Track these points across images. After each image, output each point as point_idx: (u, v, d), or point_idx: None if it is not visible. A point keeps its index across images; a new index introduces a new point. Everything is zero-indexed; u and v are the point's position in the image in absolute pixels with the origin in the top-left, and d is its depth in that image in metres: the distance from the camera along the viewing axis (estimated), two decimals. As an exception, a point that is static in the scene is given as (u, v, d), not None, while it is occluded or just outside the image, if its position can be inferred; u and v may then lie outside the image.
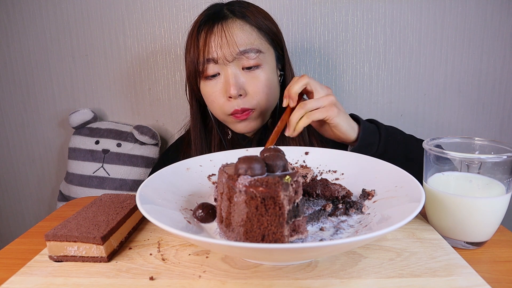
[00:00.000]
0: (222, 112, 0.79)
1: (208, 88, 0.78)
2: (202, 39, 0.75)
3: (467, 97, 1.19)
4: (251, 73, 0.77)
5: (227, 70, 0.76)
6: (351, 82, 1.19)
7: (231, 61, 0.75)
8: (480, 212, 0.47)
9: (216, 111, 0.81)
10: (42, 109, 1.27)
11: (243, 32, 0.76)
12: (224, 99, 0.77)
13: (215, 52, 0.74)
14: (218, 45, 0.74)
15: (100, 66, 1.22)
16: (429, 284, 0.38)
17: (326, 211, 0.51)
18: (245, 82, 0.77)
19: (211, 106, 0.81)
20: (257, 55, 0.76)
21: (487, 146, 0.52)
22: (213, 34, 0.75)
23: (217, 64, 0.76)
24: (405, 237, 0.49)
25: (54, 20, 1.19)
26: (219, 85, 0.77)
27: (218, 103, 0.78)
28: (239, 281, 0.40)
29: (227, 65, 0.75)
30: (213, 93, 0.78)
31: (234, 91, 0.74)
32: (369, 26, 1.14)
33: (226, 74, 0.76)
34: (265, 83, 0.78)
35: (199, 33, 0.76)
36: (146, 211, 0.40)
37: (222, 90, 0.77)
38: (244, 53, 0.75)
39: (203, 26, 0.76)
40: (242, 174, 0.40)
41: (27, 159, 1.32)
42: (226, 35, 0.74)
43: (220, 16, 0.76)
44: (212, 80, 0.77)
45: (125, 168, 1.14)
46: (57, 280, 0.41)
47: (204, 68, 0.76)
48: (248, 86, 0.77)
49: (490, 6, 1.11)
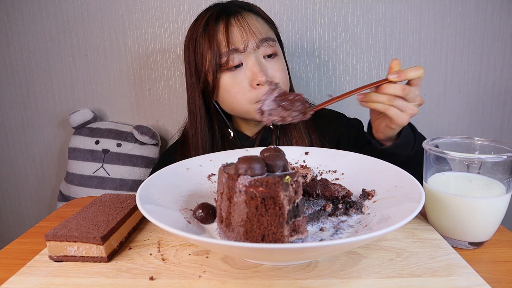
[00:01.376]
0: (248, 101, 0.78)
1: (231, 80, 0.77)
2: (220, 32, 0.76)
3: (467, 97, 1.19)
4: (272, 61, 0.79)
5: (252, 58, 0.76)
6: (351, 82, 1.19)
7: (256, 49, 0.76)
8: (480, 212, 0.47)
9: (240, 102, 0.79)
10: (42, 109, 1.27)
11: (259, 23, 0.79)
12: (249, 88, 0.77)
13: (240, 41, 0.75)
14: (241, 35, 0.75)
15: (100, 66, 1.22)
16: (429, 284, 0.38)
17: (326, 211, 0.51)
18: (268, 69, 0.78)
19: (233, 98, 0.79)
20: (274, 44, 0.80)
21: (487, 146, 0.52)
22: (233, 26, 0.76)
23: (240, 54, 0.76)
24: (405, 237, 0.49)
25: (54, 20, 1.19)
26: (243, 75, 0.77)
27: (243, 93, 0.77)
28: (239, 281, 0.40)
29: (251, 54, 0.76)
30: (237, 84, 0.77)
31: (263, 77, 0.75)
32: (369, 26, 1.14)
33: (251, 63, 0.76)
34: (284, 69, 0.81)
35: (215, 27, 0.76)
36: (146, 211, 0.40)
37: (248, 79, 0.77)
38: (266, 41, 0.77)
39: (216, 21, 0.77)
40: (242, 174, 0.40)
41: (27, 159, 1.32)
42: (248, 25, 0.76)
43: (231, 11, 0.78)
44: (235, 71, 0.77)
45: (125, 168, 1.14)
46: (57, 280, 0.41)
47: (228, 59, 0.76)
48: (272, 73, 0.78)
49: (490, 6, 1.11)
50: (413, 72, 0.61)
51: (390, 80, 0.61)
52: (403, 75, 0.61)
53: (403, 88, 0.61)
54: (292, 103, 0.63)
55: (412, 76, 0.61)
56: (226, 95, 0.80)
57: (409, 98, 0.62)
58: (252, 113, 0.80)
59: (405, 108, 0.62)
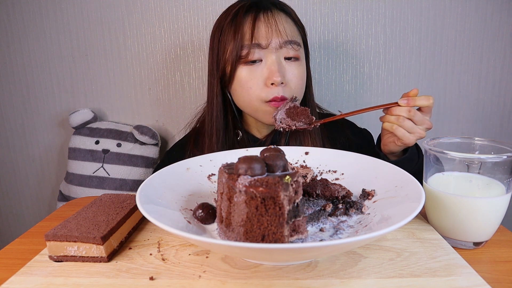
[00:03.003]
0: (259, 99, 0.78)
1: (247, 73, 0.77)
2: (247, 24, 0.76)
3: (467, 97, 1.19)
4: (292, 64, 0.79)
5: (272, 57, 0.76)
6: (351, 82, 1.19)
7: (278, 49, 0.76)
8: (480, 212, 0.47)
9: (251, 98, 0.79)
10: (42, 109, 1.27)
11: (288, 24, 0.78)
12: (262, 85, 0.77)
13: (264, 38, 0.75)
14: (266, 31, 0.75)
15: (100, 66, 1.22)
16: (429, 284, 0.38)
17: (326, 211, 0.51)
18: (286, 72, 0.78)
19: (245, 93, 0.79)
20: (298, 48, 0.79)
21: (487, 146, 0.52)
22: (261, 21, 0.76)
23: (261, 50, 0.76)
24: (405, 237, 0.49)
25: (54, 20, 1.19)
26: (260, 71, 0.77)
27: (256, 89, 0.77)
28: (239, 281, 0.40)
29: (273, 52, 0.76)
30: (252, 79, 0.77)
31: (278, 78, 0.75)
32: (369, 26, 1.14)
33: (270, 61, 0.76)
34: (302, 76, 0.81)
35: (245, 18, 0.76)
36: (146, 211, 0.40)
37: (263, 77, 0.77)
38: (289, 43, 0.77)
39: (246, 13, 0.77)
40: (242, 174, 0.40)
41: (27, 159, 1.32)
42: (275, 23, 0.76)
43: (263, 6, 0.77)
44: (253, 65, 0.77)
45: (125, 168, 1.14)
46: (57, 280, 0.41)
47: (248, 52, 0.76)
48: (288, 76, 0.78)
49: (490, 6, 1.11)
50: (422, 101, 0.66)
51: (400, 104, 0.67)
52: (412, 102, 0.66)
53: (409, 110, 0.66)
54: (299, 116, 0.75)
55: (421, 104, 0.66)
56: (239, 88, 0.80)
57: (416, 121, 0.67)
58: (261, 113, 0.80)
59: (413, 130, 0.67)
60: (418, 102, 0.66)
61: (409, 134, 0.67)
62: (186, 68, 1.21)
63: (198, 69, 1.21)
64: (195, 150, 0.87)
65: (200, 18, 1.16)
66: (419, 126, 0.67)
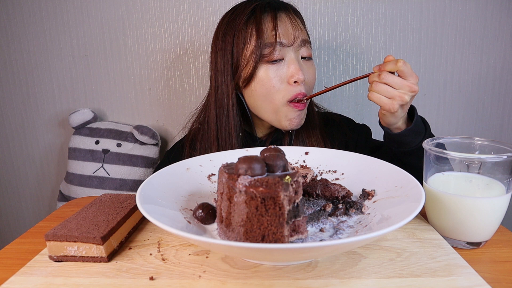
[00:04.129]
0: (282, 97, 0.77)
1: (270, 73, 0.77)
2: (268, 23, 0.75)
3: (467, 97, 1.19)
4: (307, 63, 0.80)
5: (293, 55, 0.77)
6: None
7: (300, 47, 0.77)
8: (480, 212, 0.47)
9: (273, 97, 0.78)
10: (42, 109, 1.27)
11: (301, 24, 0.80)
12: (286, 84, 0.77)
13: (287, 36, 0.75)
14: (290, 29, 0.76)
15: (100, 66, 1.22)
16: (429, 284, 0.38)
17: (326, 211, 0.51)
18: (305, 71, 0.79)
19: (267, 92, 0.78)
20: (310, 48, 0.81)
21: (487, 146, 0.52)
22: (282, 19, 0.76)
23: (283, 49, 0.76)
24: (405, 237, 0.49)
25: (54, 20, 1.19)
26: (282, 70, 0.77)
27: (279, 88, 0.77)
28: (239, 281, 0.40)
29: (293, 51, 0.77)
30: (274, 78, 0.77)
31: (302, 76, 0.75)
32: (369, 26, 1.14)
33: (291, 60, 0.76)
34: (315, 75, 0.83)
35: (262, 18, 0.76)
36: (146, 211, 0.40)
37: (286, 75, 0.77)
38: (306, 43, 0.79)
39: (264, 12, 0.76)
40: (242, 174, 0.40)
41: (27, 159, 1.32)
42: (295, 23, 0.77)
43: (277, 7, 0.78)
44: (274, 64, 0.77)
45: (125, 168, 1.14)
46: (57, 280, 0.41)
47: (272, 50, 0.75)
48: (307, 75, 0.79)
49: (490, 6, 1.11)
50: (390, 65, 0.65)
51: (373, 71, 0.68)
52: (383, 67, 0.66)
53: (378, 74, 0.66)
54: None
55: (389, 68, 0.65)
56: (259, 88, 0.78)
57: (393, 84, 0.65)
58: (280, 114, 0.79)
59: (390, 94, 0.65)
60: (387, 67, 0.65)
61: (386, 99, 0.65)
62: (186, 68, 1.21)
63: (198, 69, 1.21)
64: (193, 153, 0.87)
65: (200, 18, 1.16)
66: (398, 90, 0.65)
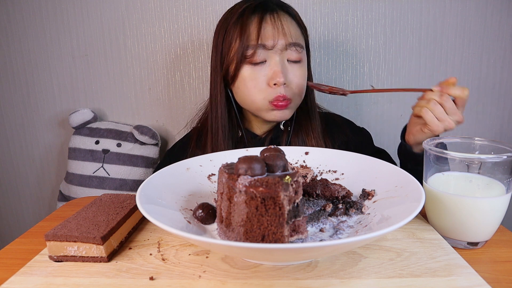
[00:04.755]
0: (262, 98, 0.79)
1: (251, 73, 0.78)
2: (253, 25, 0.77)
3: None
4: (294, 66, 0.80)
5: (276, 58, 0.77)
6: (351, 82, 1.19)
7: (283, 50, 0.77)
8: (480, 212, 0.47)
9: (254, 97, 0.80)
10: (42, 109, 1.27)
11: (292, 26, 0.79)
12: (265, 85, 0.78)
13: (269, 39, 0.76)
14: (273, 33, 0.76)
15: (100, 66, 1.22)
16: (429, 284, 0.38)
17: (326, 211, 0.51)
18: (289, 73, 0.79)
19: (248, 92, 0.80)
20: (301, 50, 0.80)
21: (487, 146, 0.52)
22: (267, 22, 0.77)
23: (266, 51, 0.77)
24: (405, 237, 0.49)
25: (54, 20, 1.19)
26: (264, 72, 0.78)
27: (259, 88, 0.78)
28: (239, 281, 0.40)
29: (277, 53, 0.77)
30: (255, 79, 0.78)
31: (281, 79, 0.76)
32: (369, 26, 1.14)
33: (274, 62, 0.77)
34: (303, 78, 0.82)
35: (251, 19, 0.77)
36: (146, 211, 0.40)
37: (267, 77, 0.78)
38: (293, 45, 0.78)
39: (252, 14, 0.78)
40: (242, 174, 0.40)
41: (27, 159, 1.32)
42: (281, 25, 0.77)
43: (269, 7, 0.78)
44: (257, 66, 0.78)
45: (125, 168, 1.14)
46: (57, 280, 0.41)
47: (253, 53, 0.77)
48: (290, 77, 0.79)
49: (490, 6, 1.11)
50: (456, 90, 0.63)
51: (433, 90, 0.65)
52: (446, 89, 0.64)
53: (441, 95, 0.63)
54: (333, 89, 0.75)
55: (454, 93, 0.63)
56: (242, 87, 0.81)
57: (447, 109, 0.64)
58: (263, 111, 0.82)
59: (442, 117, 0.64)
60: (452, 90, 0.63)
61: (437, 121, 0.64)
62: (186, 68, 1.21)
63: (198, 69, 1.21)
64: (197, 150, 0.88)
65: (200, 18, 1.16)
66: (449, 116, 0.64)
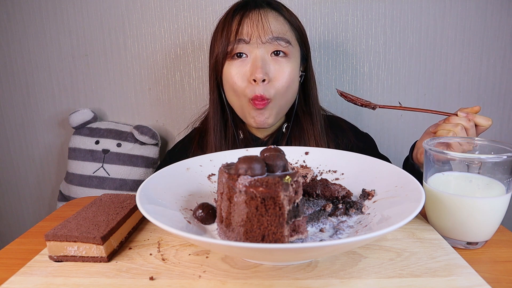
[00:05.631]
0: (243, 95, 0.78)
1: (232, 69, 0.78)
2: (236, 21, 0.77)
3: (467, 97, 1.19)
4: (278, 60, 0.78)
5: (256, 52, 0.76)
6: (351, 82, 1.19)
7: (262, 43, 0.76)
8: (480, 212, 0.47)
9: (237, 94, 0.79)
10: (42, 109, 1.27)
11: (277, 22, 0.78)
12: (246, 82, 0.77)
13: (248, 33, 0.76)
14: (252, 27, 0.76)
15: (100, 66, 1.22)
16: (429, 284, 0.38)
17: (326, 211, 0.51)
18: (270, 68, 0.77)
19: (231, 90, 0.80)
20: (287, 45, 0.78)
21: (487, 146, 0.52)
22: (248, 17, 0.77)
23: (246, 45, 0.76)
24: (405, 237, 0.49)
25: (54, 20, 1.19)
26: (244, 67, 0.77)
27: (240, 85, 0.78)
28: (239, 281, 0.40)
29: (257, 47, 0.76)
30: (236, 74, 0.77)
31: (260, 74, 0.74)
32: (369, 26, 1.14)
33: (254, 57, 0.77)
34: (289, 74, 0.78)
35: (234, 16, 0.78)
36: (146, 211, 0.40)
37: (247, 73, 0.77)
38: (276, 40, 0.76)
39: (238, 11, 0.78)
40: (242, 174, 0.40)
41: (27, 159, 1.32)
42: (261, 20, 0.76)
43: (256, 4, 0.79)
44: (237, 60, 0.78)
45: (125, 168, 1.14)
46: (57, 280, 0.41)
47: (233, 48, 0.77)
48: (272, 73, 0.77)
49: (490, 6, 1.11)
50: (482, 120, 0.64)
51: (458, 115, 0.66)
52: (472, 116, 0.65)
53: (469, 120, 0.64)
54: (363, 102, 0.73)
55: (480, 122, 0.64)
56: (226, 84, 0.80)
57: (470, 135, 0.65)
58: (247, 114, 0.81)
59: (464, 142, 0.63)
60: (478, 119, 0.64)
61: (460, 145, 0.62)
62: (186, 68, 1.21)
63: (198, 69, 1.21)
64: (198, 151, 0.88)
65: (200, 18, 1.16)
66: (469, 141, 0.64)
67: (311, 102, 0.87)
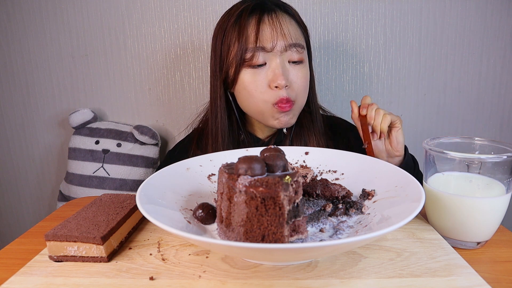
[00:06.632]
0: (265, 101, 0.77)
1: (251, 76, 0.77)
2: (251, 27, 0.75)
3: (467, 97, 1.19)
4: (296, 67, 0.78)
5: (276, 60, 0.76)
6: (351, 82, 1.19)
7: (283, 52, 0.76)
8: (480, 212, 0.47)
9: (256, 100, 0.78)
10: (42, 109, 1.27)
11: (292, 26, 0.77)
12: (266, 88, 0.77)
13: (269, 41, 0.74)
14: (271, 34, 0.74)
15: (100, 66, 1.22)
16: (429, 284, 0.38)
17: (326, 211, 0.51)
18: (290, 74, 0.77)
19: (249, 95, 0.78)
20: (302, 51, 0.78)
21: (487, 146, 0.52)
22: (265, 23, 0.75)
23: (266, 54, 0.75)
24: (405, 237, 0.49)
25: (54, 20, 1.19)
26: (264, 75, 0.76)
27: (260, 91, 0.77)
28: (239, 281, 0.40)
29: (277, 55, 0.75)
30: (256, 81, 0.76)
31: (283, 81, 0.74)
32: (369, 26, 1.14)
33: (275, 64, 0.76)
34: (306, 79, 0.80)
35: (247, 21, 0.75)
36: (146, 211, 0.40)
37: (268, 80, 0.76)
38: (294, 46, 0.76)
39: (250, 15, 0.76)
40: (242, 174, 0.40)
41: (27, 159, 1.32)
42: (280, 26, 0.75)
43: (266, 7, 0.77)
44: (257, 69, 0.76)
45: (125, 168, 1.14)
46: (57, 280, 0.41)
47: (252, 55, 0.75)
48: (291, 77, 0.77)
49: (490, 6, 1.11)
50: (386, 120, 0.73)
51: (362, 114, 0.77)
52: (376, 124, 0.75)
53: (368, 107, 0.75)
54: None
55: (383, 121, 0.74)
56: (243, 91, 0.79)
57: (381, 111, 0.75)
58: (268, 116, 0.80)
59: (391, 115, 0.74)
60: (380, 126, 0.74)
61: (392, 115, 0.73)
62: (186, 68, 1.21)
63: (198, 69, 1.21)
64: (198, 151, 0.87)
65: (200, 18, 1.16)
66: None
67: (312, 102, 0.87)
